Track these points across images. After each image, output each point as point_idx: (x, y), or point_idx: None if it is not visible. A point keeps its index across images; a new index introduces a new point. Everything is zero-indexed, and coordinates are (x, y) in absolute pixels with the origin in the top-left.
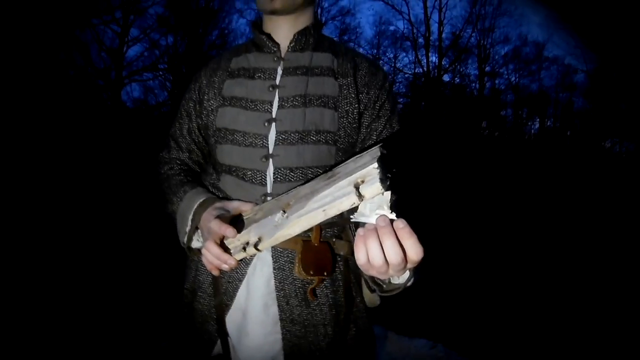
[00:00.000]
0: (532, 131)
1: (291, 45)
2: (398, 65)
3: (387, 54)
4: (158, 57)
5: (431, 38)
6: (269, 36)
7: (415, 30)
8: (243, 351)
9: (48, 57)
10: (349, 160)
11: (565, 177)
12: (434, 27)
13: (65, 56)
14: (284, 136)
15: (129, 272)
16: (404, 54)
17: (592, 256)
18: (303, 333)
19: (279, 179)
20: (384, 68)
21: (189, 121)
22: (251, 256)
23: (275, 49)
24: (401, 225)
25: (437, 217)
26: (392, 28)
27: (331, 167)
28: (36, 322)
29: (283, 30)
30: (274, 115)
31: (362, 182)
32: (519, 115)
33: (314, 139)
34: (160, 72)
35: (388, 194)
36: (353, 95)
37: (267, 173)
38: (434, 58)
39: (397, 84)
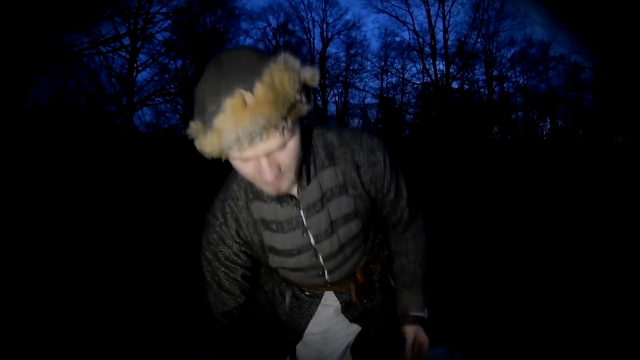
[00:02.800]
0: (544, 132)
1: (300, 185)
2: (406, 75)
3: (395, 65)
4: (168, 81)
5: (437, 46)
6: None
7: (421, 40)
8: (329, 344)
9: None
10: None
11: (580, 175)
12: (439, 35)
13: (75, 83)
14: (328, 256)
15: (140, 286)
16: (412, 64)
17: (612, 254)
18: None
19: (331, 272)
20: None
21: (241, 268)
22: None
23: (290, 201)
24: None
25: (454, 224)
26: (398, 39)
27: (361, 239)
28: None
29: None
30: (316, 250)
31: None
32: (530, 117)
33: (349, 242)
34: (171, 96)
35: None
36: (363, 197)
37: (324, 273)
38: (441, 66)
39: (407, 95)
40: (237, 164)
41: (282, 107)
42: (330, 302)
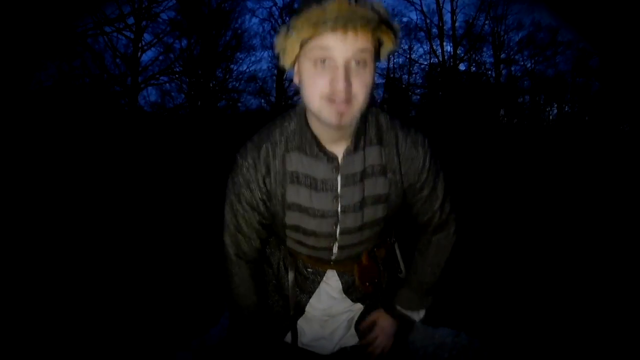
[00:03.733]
0: (551, 117)
1: (347, 151)
2: (413, 56)
3: (402, 46)
4: (173, 61)
5: (445, 27)
6: (325, 149)
7: (428, 21)
8: (318, 325)
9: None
10: None
11: (586, 162)
12: (447, 17)
13: (80, 65)
14: (346, 230)
15: (141, 275)
16: (419, 45)
17: (618, 241)
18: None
19: (341, 250)
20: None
21: (258, 215)
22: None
23: (333, 161)
24: None
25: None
26: (405, 19)
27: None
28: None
29: (339, 136)
30: (339, 219)
31: None
32: (537, 101)
33: (369, 225)
34: (176, 75)
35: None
36: (399, 184)
37: (334, 248)
38: (448, 47)
39: (414, 75)
40: (311, 71)
41: (377, 24)
42: (332, 282)
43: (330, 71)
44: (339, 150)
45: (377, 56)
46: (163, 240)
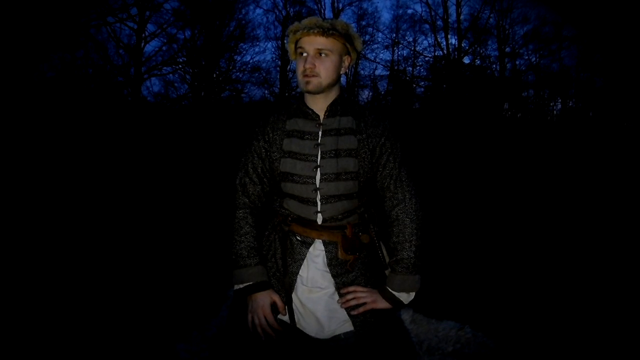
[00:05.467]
0: (555, 112)
1: (326, 114)
2: (418, 48)
3: (406, 38)
4: (176, 51)
5: (450, 20)
6: (312, 111)
7: (433, 13)
8: (310, 302)
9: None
10: None
11: (589, 157)
12: (452, 9)
13: (83, 55)
14: (325, 177)
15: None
16: (423, 37)
17: (622, 234)
18: (350, 283)
19: (324, 202)
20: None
21: (262, 162)
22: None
23: (316, 118)
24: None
25: (461, 198)
26: (410, 11)
27: (354, 194)
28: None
29: (319, 103)
30: (318, 163)
31: None
32: (541, 95)
33: (344, 177)
34: (180, 66)
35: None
36: (366, 144)
37: (317, 199)
38: (453, 40)
39: (418, 68)
40: (298, 59)
41: (340, 37)
42: (318, 251)
43: (304, 59)
44: (322, 114)
45: (348, 52)
46: (164, 231)
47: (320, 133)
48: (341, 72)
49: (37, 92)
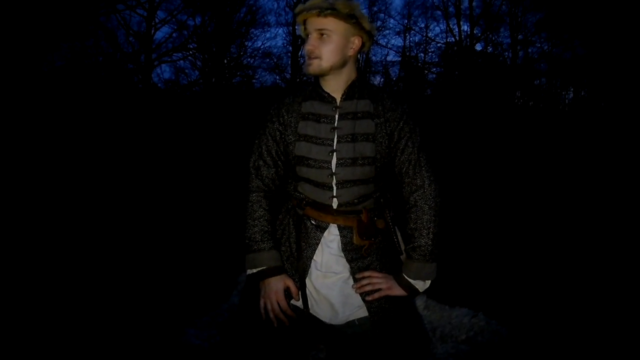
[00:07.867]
0: (567, 101)
1: (343, 97)
2: (430, 34)
3: (418, 24)
4: (187, 38)
5: (462, 6)
6: (328, 94)
7: None
8: (324, 287)
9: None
10: None
11: (601, 146)
12: None
13: (92, 44)
14: (341, 161)
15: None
16: (435, 24)
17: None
18: (365, 268)
19: (339, 187)
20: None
21: (276, 145)
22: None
23: (333, 102)
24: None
25: (472, 186)
26: None
27: (371, 179)
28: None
29: (333, 85)
30: (334, 148)
31: None
32: (553, 84)
33: (361, 162)
34: (190, 52)
35: None
36: (384, 128)
37: (332, 184)
38: (465, 27)
39: (430, 54)
40: (305, 40)
41: (342, 17)
42: (332, 236)
43: (310, 40)
44: (338, 97)
45: (357, 33)
46: (176, 218)
47: (336, 116)
48: (350, 54)
49: (47, 81)
